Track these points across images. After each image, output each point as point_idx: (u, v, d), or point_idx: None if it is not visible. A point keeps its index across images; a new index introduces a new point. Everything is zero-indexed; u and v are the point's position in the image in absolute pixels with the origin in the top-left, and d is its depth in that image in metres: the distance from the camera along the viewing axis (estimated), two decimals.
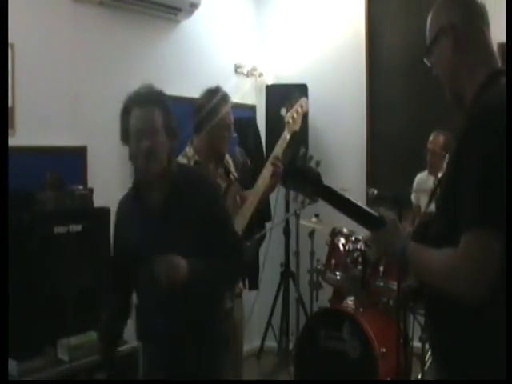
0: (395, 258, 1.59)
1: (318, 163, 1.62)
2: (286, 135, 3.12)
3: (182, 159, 2.89)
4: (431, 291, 1.54)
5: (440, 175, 1.68)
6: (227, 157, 3.05)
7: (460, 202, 1.42)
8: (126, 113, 2.16)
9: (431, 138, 4.09)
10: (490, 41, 1.59)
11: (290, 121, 3.16)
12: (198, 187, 2.19)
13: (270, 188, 3.07)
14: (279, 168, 3.00)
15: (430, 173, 4.02)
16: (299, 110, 3.23)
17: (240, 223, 2.92)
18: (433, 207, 1.72)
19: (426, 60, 1.68)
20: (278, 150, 3.07)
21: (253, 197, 2.99)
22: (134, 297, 2.31)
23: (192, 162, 2.88)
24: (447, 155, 3.80)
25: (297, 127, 3.21)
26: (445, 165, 1.69)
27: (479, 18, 1.59)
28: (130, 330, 3.85)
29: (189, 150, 2.93)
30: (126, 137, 2.16)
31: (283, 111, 3.24)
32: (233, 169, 3.07)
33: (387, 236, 1.58)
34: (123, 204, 2.29)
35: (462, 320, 1.46)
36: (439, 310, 1.55)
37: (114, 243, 2.32)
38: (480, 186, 1.37)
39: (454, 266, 1.39)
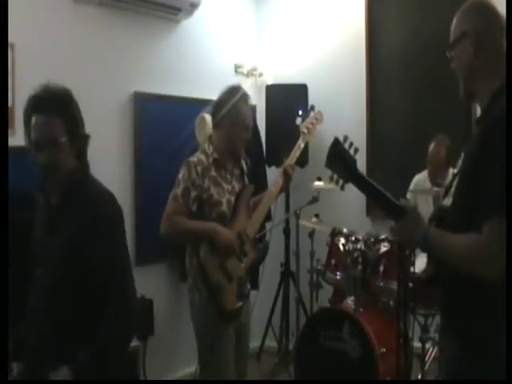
0: (418, 243, 1.73)
1: (356, 150, 1.64)
2: (301, 144, 3.15)
3: (200, 155, 2.86)
4: (449, 274, 1.69)
5: (455, 171, 1.81)
6: (242, 160, 3.04)
7: (481, 194, 1.59)
8: (26, 120, 1.97)
9: (432, 148, 4.03)
10: (505, 50, 1.75)
11: (305, 131, 3.19)
12: (92, 204, 1.98)
13: (280, 193, 3.08)
14: (292, 174, 3.02)
15: (432, 182, 3.99)
16: (314, 121, 3.26)
17: (252, 227, 2.91)
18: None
19: (447, 53, 1.83)
20: (292, 157, 3.08)
21: (266, 201, 2.99)
22: None
23: (211, 160, 2.85)
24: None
25: (312, 138, 3.24)
26: (459, 164, 1.83)
27: (499, 29, 1.76)
28: None
29: (208, 148, 2.89)
30: (29, 141, 1.98)
31: (298, 121, 3.28)
32: (247, 170, 3.06)
33: (409, 224, 1.72)
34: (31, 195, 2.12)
35: (478, 297, 1.65)
36: (456, 291, 1.70)
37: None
38: (503, 181, 1.54)
39: (482, 250, 1.57)
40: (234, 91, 2.91)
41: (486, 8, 1.78)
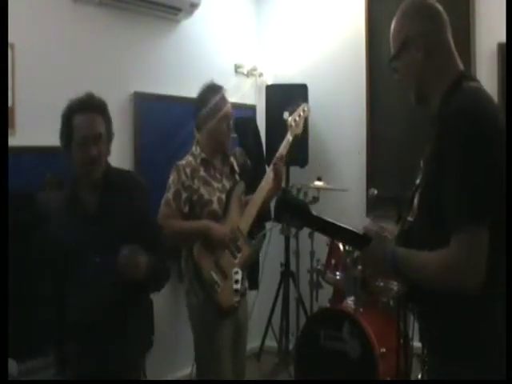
0: (387, 269, 1.63)
1: (305, 194, 1.63)
2: (289, 137, 3.17)
3: (188, 158, 2.89)
4: (421, 293, 1.59)
5: (417, 181, 1.74)
6: (231, 158, 3.06)
7: (445, 203, 1.48)
8: (67, 120, 2.18)
9: None
10: (453, 46, 1.68)
11: (293, 124, 3.21)
12: (131, 189, 2.29)
13: (274, 189, 3.07)
14: (281, 167, 3.04)
15: None
16: (301, 113, 3.28)
17: (244, 222, 2.92)
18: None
19: (390, 65, 1.76)
20: (282, 150, 3.10)
21: (257, 196, 3.00)
22: None
23: (199, 160, 2.87)
24: None
25: (299, 130, 3.26)
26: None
27: (444, 26, 1.67)
28: None
29: (195, 149, 2.93)
30: (67, 141, 2.18)
31: (286, 115, 3.30)
32: (237, 168, 3.08)
33: (375, 251, 1.64)
34: (57, 203, 2.33)
35: (455, 313, 1.54)
36: (432, 309, 1.61)
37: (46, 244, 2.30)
38: (465, 185, 1.44)
39: (451, 266, 1.46)
40: (209, 89, 2.94)
41: (427, 7, 1.69)
